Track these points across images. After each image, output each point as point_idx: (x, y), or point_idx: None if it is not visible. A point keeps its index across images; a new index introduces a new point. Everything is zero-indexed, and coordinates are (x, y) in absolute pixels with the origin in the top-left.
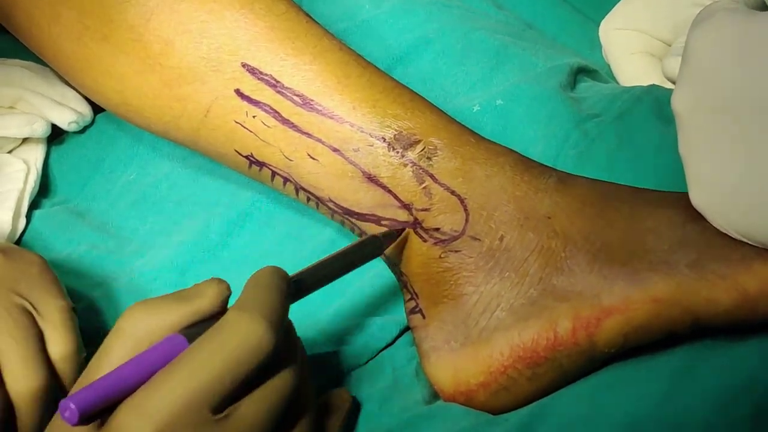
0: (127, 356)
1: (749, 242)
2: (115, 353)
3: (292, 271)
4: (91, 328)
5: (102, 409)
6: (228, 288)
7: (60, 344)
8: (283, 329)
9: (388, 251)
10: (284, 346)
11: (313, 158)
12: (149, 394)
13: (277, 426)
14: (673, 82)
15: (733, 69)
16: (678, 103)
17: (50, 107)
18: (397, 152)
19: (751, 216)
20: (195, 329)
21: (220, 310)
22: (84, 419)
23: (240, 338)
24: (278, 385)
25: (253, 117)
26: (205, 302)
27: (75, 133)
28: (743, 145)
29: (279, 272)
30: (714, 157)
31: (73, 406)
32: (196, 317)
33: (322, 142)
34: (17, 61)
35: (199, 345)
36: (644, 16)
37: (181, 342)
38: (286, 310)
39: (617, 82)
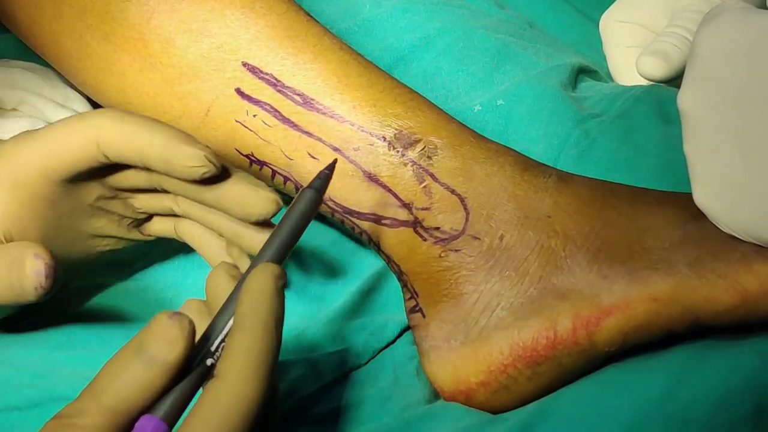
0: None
1: (757, 243)
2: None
3: (288, 271)
4: (90, 328)
5: None
6: (184, 323)
7: None
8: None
9: (387, 250)
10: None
11: (314, 157)
12: None
13: None
14: (649, 80)
15: (740, 68)
16: (684, 102)
17: (52, 110)
18: (398, 151)
19: (760, 216)
20: (167, 403)
21: (185, 357)
22: None
23: (235, 410)
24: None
25: (254, 116)
26: (168, 354)
27: None
28: (751, 145)
29: (274, 285)
30: (721, 157)
31: None
32: (165, 380)
33: (323, 142)
34: (19, 62)
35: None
36: (645, 10)
37: (157, 425)
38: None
39: (613, 76)
